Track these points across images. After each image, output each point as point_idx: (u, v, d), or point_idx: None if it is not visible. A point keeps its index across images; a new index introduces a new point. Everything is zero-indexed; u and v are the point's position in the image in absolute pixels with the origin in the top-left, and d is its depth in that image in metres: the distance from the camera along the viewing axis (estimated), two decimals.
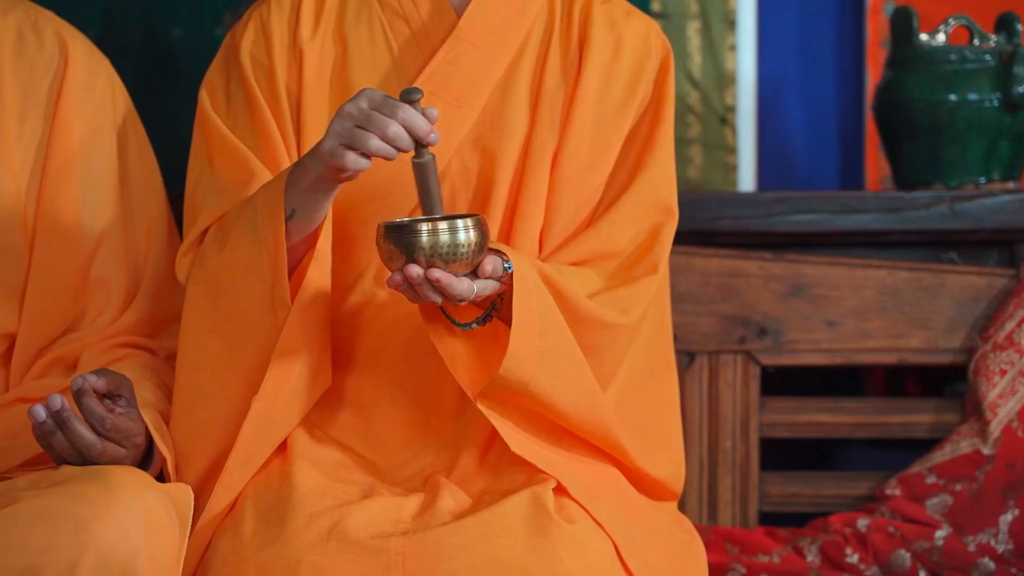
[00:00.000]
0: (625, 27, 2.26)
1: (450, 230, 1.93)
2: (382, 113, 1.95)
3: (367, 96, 1.97)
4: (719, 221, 2.66)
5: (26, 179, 2.27)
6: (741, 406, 2.67)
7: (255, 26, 2.27)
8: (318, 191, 2.04)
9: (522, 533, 1.98)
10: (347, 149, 1.96)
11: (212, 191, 2.19)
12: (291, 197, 2.05)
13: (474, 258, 1.95)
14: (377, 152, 1.95)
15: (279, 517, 2.02)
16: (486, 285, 1.98)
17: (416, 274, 1.93)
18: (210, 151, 2.22)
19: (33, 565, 1.87)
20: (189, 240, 2.18)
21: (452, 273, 1.94)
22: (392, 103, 1.96)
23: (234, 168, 2.19)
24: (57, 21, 2.35)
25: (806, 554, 2.55)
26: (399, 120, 1.94)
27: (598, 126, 2.21)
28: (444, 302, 1.97)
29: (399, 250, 1.94)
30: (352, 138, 1.95)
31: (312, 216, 2.06)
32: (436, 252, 1.93)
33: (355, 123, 1.95)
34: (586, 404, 2.08)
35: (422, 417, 2.18)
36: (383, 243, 1.95)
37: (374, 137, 1.94)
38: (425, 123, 1.95)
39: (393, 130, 1.94)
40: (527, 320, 2.00)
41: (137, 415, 2.07)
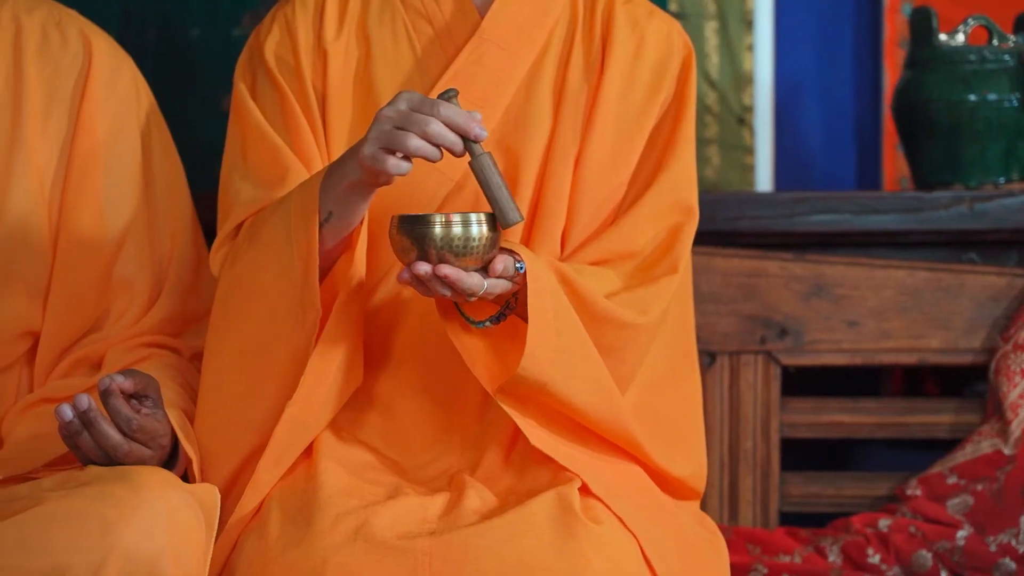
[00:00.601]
0: (647, 26, 2.26)
1: (463, 223, 1.94)
2: (421, 112, 1.94)
3: (405, 98, 1.96)
4: (739, 221, 2.67)
5: (50, 178, 2.27)
6: (762, 406, 2.67)
7: (280, 26, 2.27)
8: (355, 195, 2.04)
9: (549, 534, 1.98)
10: (388, 153, 1.95)
11: (246, 185, 2.19)
12: (328, 200, 2.05)
13: (485, 253, 1.95)
14: (418, 151, 1.93)
15: (305, 518, 2.02)
16: (496, 284, 1.98)
17: (424, 271, 1.93)
18: (245, 144, 2.22)
19: (59, 566, 1.87)
20: (223, 234, 2.18)
21: (463, 267, 1.94)
22: (431, 101, 1.95)
23: (269, 162, 2.19)
24: (81, 20, 2.35)
25: (828, 554, 2.55)
26: (440, 117, 1.93)
27: (620, 125, 2.21)
28: (454, 297, 1.97)
29: (411, 242, 1.94)
30: (391, 140, 1.94)
31: (349, 219, 2.06)
32: (447, 245, 1.93)
33: (394, 125, 1.94)
34: (603, 404, 2.08)
35: (446, 416, 2.18)
36: (396, 235, 1.96)
37: (414, 136, 1.93)
38: (466, 118, 1.94)
39: (433, 127, 1.93)
40: (542, 320, 2.00)
41: (163, 416, 2.07)
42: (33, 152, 2.26)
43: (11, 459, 2.16)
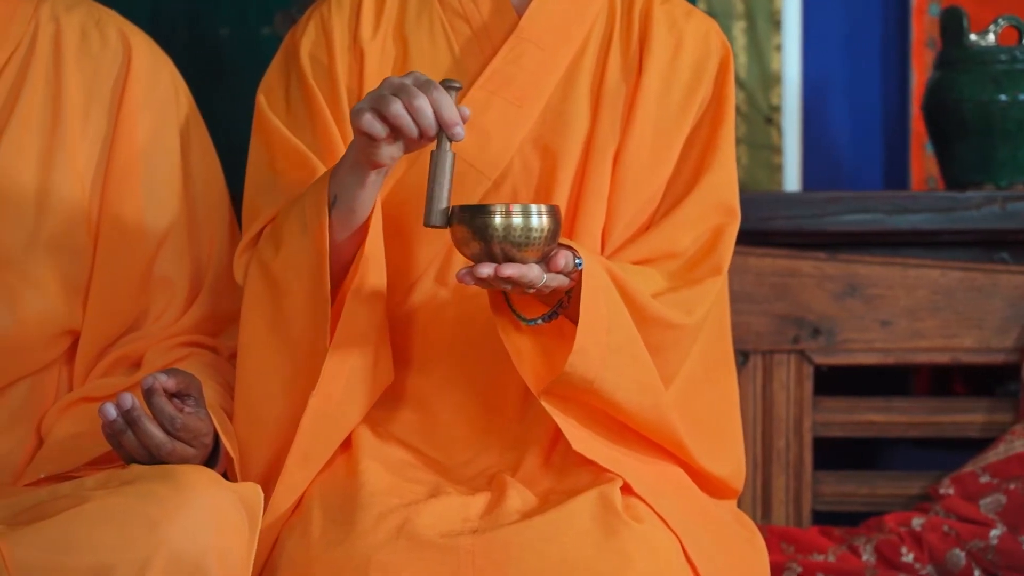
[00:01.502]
0: (685, 27, 2.26)
1: (523, 213, 1.93)
2: (415, 87, 1.94)
3: (413, 75, 1.96)
4: (772, 221, 2.67)
5: (90, 177, 2.27)
6: (795, 405, 2.68)
7: (315, 26, 2.27)
8: (354, 174, 2.03)
9: (591, 532, 1.98)
10: (369, 110, 1.94)
11: (273, 191, 2.19)
12: (334, 183, 2.05)
13: (545, 245, 1.95)
14: (395, 118, 1.92)
15: (347, 516, 2.02)
16: (555, 278, 1.98)
17: (487, 274, 1.93)
18: (271, 153, 2.22)
19: (104, 564, 1.87)
20: (247, 239, 2.19)
21: (522, 259, 1.94)
22: (431, 84, 1.95)
23: (295, 168, 2.19)
24: (119, 19, 2.36)
25: (862, 553, 2.56)
26: (430, 98, 1.93)
27: (659, 126, 2.22)
28: (513, 290, 1.97)
29: (471, 232, 1.94)
30: (379, 101, 1.94)
31: (352, 204, 2.05)
32: (508, 235, 1.93)
33: (390, 91, 1.95)
34: (649, 402, 2.08)
35: (485, 416, 2.18)
36: (455, 227, 1.95)
37: (398, 103, 1.93)
38: (454, 111, 1.94)
39: (418, 102, 1.93)
40: (595, 317, 2.00)
41: (206, 415, 2.06)
42: (73, 152, 2.26)
43: (52, 457, 2.16)
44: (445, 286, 2.20)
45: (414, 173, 2.17)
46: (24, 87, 2.26)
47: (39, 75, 2.27)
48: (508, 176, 2.20)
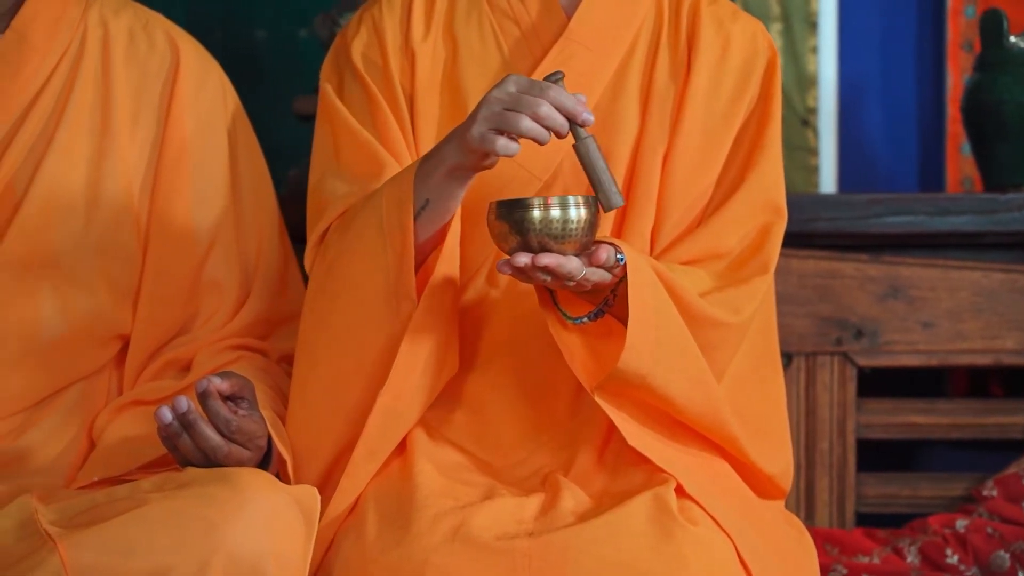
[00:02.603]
0: (733, 28, 2.26)
1: (561, 206, 1.93)
2: (531, 95, 1.94)
3: (513, 80, 1.96)
4: (815, 223, 2.67)
5: (139, 180, 2.28)
6: (838, 407, 2.68)
7: (367, 27, 2.28)
8: (455, 179, 2.03)
9: (647, 534, 1.98)
10: (497, 134, 1.94)
11: (340, 183, 2.19)
12: (424, 188, 2.05)
13: (583, 236, 1.94)
14: (528, 132, 1.93)
15: (403, 518, 2.02)
16: (595, 272, 1.97)
17: (524, 263, 1.93)
18: (337, 143, 2.22)
19: (162, 567, 1.87)
20: (318, 233, 2.18)
21: (561, 252, 1.93)
22: (541, 84, 1.95)
23: (363, 160, 2.19)
24: (166, 23, 2.36)
25: (906, 555, 2.55)
26: (549, 99, 1.93)
27: (707, 126, 2.22)
28: (554, 282, 1.97)
29: (510, 227, 1.94)
30: (502, 121, 1.94)
31: (446, 206, 2.06)
32: (546, 228, 1.92)
33: (504, 107, 1.94)
34: (701, 396, 2.08)
35: (536, 417, 2.18)
36: (494, 222, 1.95)
37: (525, 118, 1.93)
38: (574, 101, 1.94)
39: (544, 109, 1.93)
40: (643, 313, 2.00)
41: (260, 417, 2.06)
42: (122, 155, 2.26)
43: (105, 460, 2.16)
44: (496, 287, 2.20)
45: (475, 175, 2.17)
46: (74, 91, 2.26)
47: (88, 79, 2.27)
48: (559, 177, 2.20)
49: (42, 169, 2.22)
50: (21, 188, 2.21)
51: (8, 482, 2.15)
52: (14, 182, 2.21)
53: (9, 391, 2.20)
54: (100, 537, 1.88)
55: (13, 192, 2.21)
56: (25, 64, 2.24)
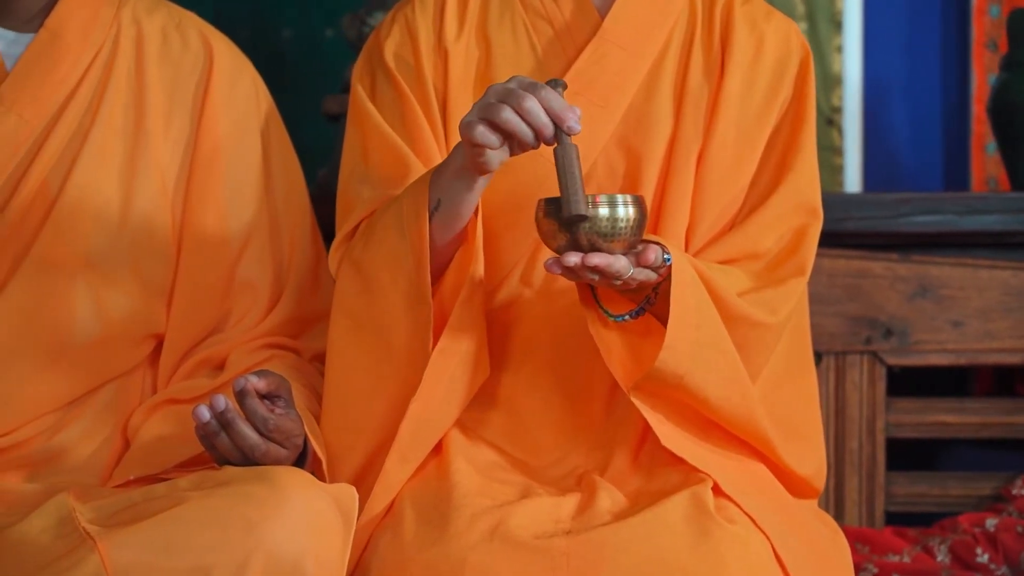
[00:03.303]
0: (766, 28, 2.26)
1: (609, 204, 1.92)
2: (522, 90, 1.93)
3: (516, 79, 1.96)
4: (845, 222, 2.67)
5: (173, 180, 2.28)
6: (867, 406, 2.68)
7: (400, 27, 2.28)
8: (461, 179, 2.03)
9: (684, 533, 1.98)
10: (479, 121, 1.94)
11: (367, 185, 2.20)
12: (436, 188, 2.05)
13: (631, 235, 1.94)
14: (506, 123, 1.91)
15: (441, 517, 2.02)
16: (642, 272, 1.97)
17: (574, 263, 1.92)
18: (366, 145, 2.22)
19: (202, 566, 1.87)
20: (342, 234, 2.19)
21: (609, 251, 1.93)
22: (536, 84, 1.94)
23: (390, 163, 2.19)
24: (199, 22, 2.36)
25: (936, 554, 2.55)
26: (539, 98, 1.92)
27: (742, 126, 2.22)
28: (600, 281, 1.96)
29: (558, 225, 1.93)
30: (488, 111, 1.93)
31: (457, 208, 2.05)
32: (595, 226, 1.92)
33: (497, 98, 1.94)
34: (737, 398, 2.09)
35: (571, 417, 2.18)
36: (542, 220, 1.95)
37: (508, 108, 1.92)
38: (562, 103, 1.92)
39: (528, 104, 1.91)
40: (684, 313, 2.00)
41: (296, 415, 2.06)
42: (156, 154, 2.26)
43: (140, 459, 2.16)
44: (530, 287, 2.21)
45: (498, 177, 2.17)
46: (107, 90, 2.26)
47: (122, 78, 2.27)
48: (593, 177, 2.20)
49: (76, 169, 2.22)
50: (55, 188, 2.21)
51: (43, 480, 2.16)
52: (48, 182, 2.21)
53: (44, 390, 2.20)
54: (140, 536, 1.88)
55: (47, 192, 2.21)
56: (59, 63, 2.24)
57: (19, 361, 2.18)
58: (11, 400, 2.18)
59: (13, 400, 2.18)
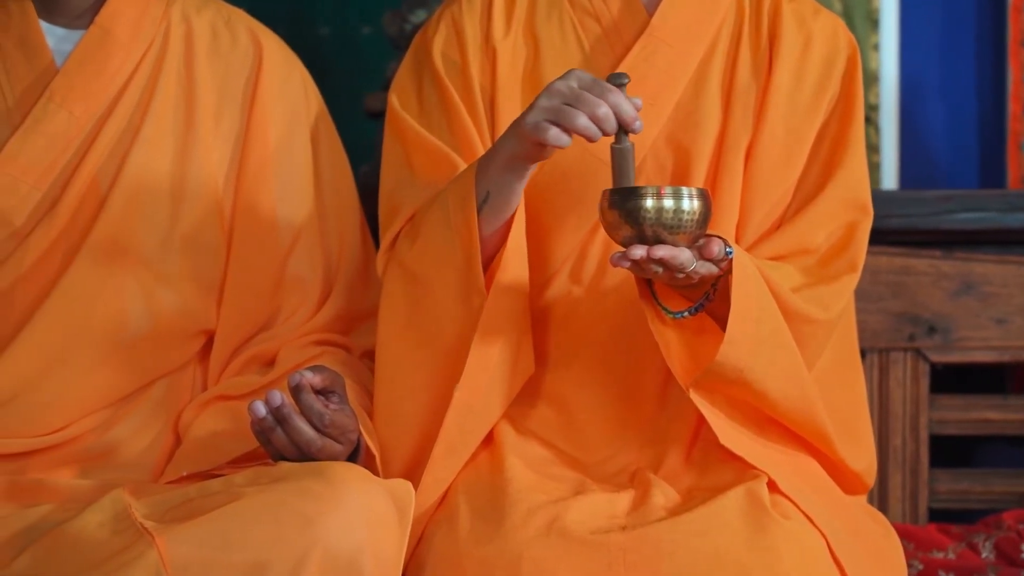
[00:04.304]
0: (814, 24, 2.27)
1: (675, 196, 1.93)
2: (592, 94, 1.95)
3: (576, 76, 1.97)
4: (888, 219, 2.67)
5: (223, 176, 2.28)
6: (911, 403, 2.68)
7: (447, 26, 2.28)
8: (512, 170, 2.05)
9: (740, 529, 1.99)
10: (552, 124, 1.96)
11: (411, 187, 2.20)
12: (484, 180, 2.06)
13: (696, 229, 1.94)
14: (582, 130, 1.94)
15: (496, 512, 2.03)
16: (704, 265, 1.98)
17: (640, 256, 1.93)
18: (407, 151, 2.23)
19: (260, 561, 1.87)
20: (389, 238, 2.19)
21: (673, 243, 1.94)
22: (603, 85, 1.96)
23: (435, 165, 2.20)
24: (248, 19, 2.37)
25: (981, 551, 2.55)
26: (609, 102, 1.95)
27: (790, 123, 2.22)
28: (663, 274, 1.96)
29: (622, 216, 1.94)
30: (559, 114, 1.95)
31: (507, 198, 2.06)
32: (660, 219, 1.92)
33: (564, 100, 1.96)
34: (796, 392, 2.09)
35: (623, 414, 2.18)
36: (607, 211, 1.95)
37: (582, 115, 1.94)
38: (632, 109, 1.96)
39: (603, 111, 1.94)
40: (745, 307, 2.01)
41: (351, 411, 2.06)
42: (206, 150, 2.27)
43: (192, 455, 2.16)
44: (579, 283, 2.21)
45: (547, 172, 2.17)
46: (158, 86, 2.26)
47: (172, 75, 2.28)
48: (642, 174, 2.21)
49: (127, 164, 2.22)
50: (107, 183, 2.22)
51: (95, 476, 2.16)
52: (99, 177, 2.22)
53: (96, 386, 2.20)
54: (197, 531, 1.89)
55: (99, 187, 2.22)
56: (110, 59, 2.24)
57: (73, 357, 2.19)
58: (65, 396, 2.18)
59: (67, 396, 2.18)
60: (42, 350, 2.18)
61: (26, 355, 2.17)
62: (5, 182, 2.19)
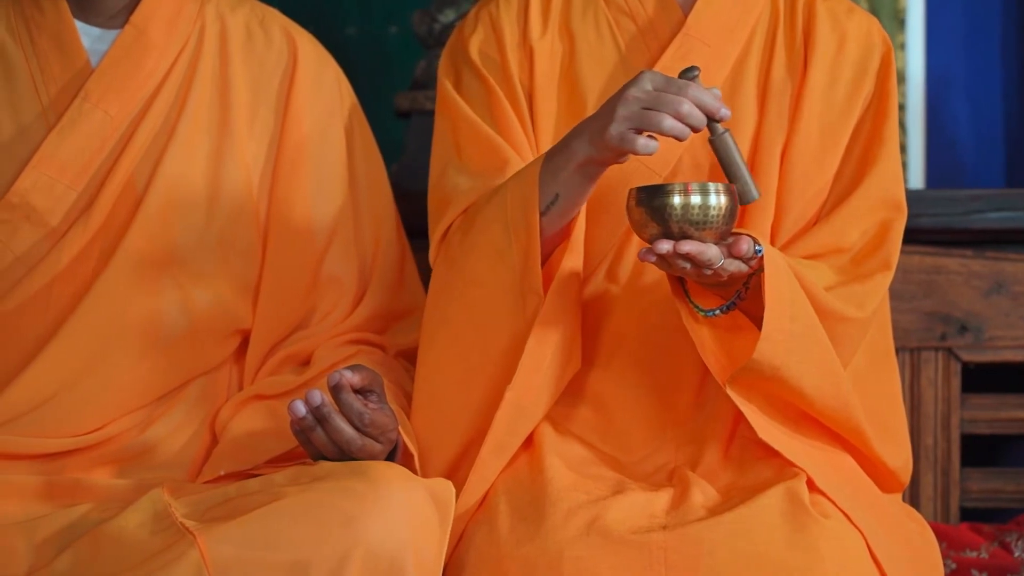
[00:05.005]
0: (848, 23, 2.27)
1: (701, 192, 1.93)
2: (670, 93, 1.94)
3: (648, 78, 1.97)
4: (919, 219, 2.66)
5: (258, 175, 2.28)
6: (942, 402, 2.68)
7: (484, 24, 2.28)
8: (586, 175, 2.04)
9: (781, 528, 1.99)
10: (638, 133, 1.95)
11: (463, 177, 2.20)
12: (553, 184, 2.05)
13: (723, 224, 1.94)
14: (671, 131, 1.94)
15: (536, 512, 2.02)
16: (733, 263, 1.97)
17: (666, 250, 1.93)
18: (457, 138, 2.23)
19: (302, 560, 1.87)
20: (442, 228, 2.19)
21: (700, 239, 1.93)
22: (679, 82, 1.96)
23: (485, 155, 2.20)
24: (282, 18, 2.37)
25: (1014, 550, 2.55)
26: (690, 98, 1.94)
27: (825, 121, 2.22)
28: (692, 270, 1.96)
29: (649, 214, 1.93)
30: (643, 120, 1.94)
31: (575, 201, 2.06)
32: (687, 215, 1.92)
33: (643, 105, 1.95)
34: (832, 389, 2.08)
35: (660, 412, 2.18)
36: (634, 208, 1.95)
37: (667, 117, 1.94)
38: (713, 98, 1.95)
39: (686, 108, 1.94)
40: (779, 304, 2.00)
41: (390, 410, 2.06)
42: (241, 150, 2.27)
43: (230, 454, 2.16)
44: (616, 282, 2.21)
45: None
46: (192, 86, 2.26)
47: (206, 74, 2.27)
48: (678, 173, 2.21)
49: (163, 164, 2.22)
50: (142, 183, 2.21)
51: (133, 476, 2.16)
52: (135, 177, 2.22)
53: (132, 386, 2.20)
54: (239, 530, 1.89)
55: (134, 188, 2.21)
56: (145, 59, 2.24)
57: (109, 357, 2.19)
58: (102, 396, 2.18)
59: (104, 396, 2.18)
60: (79, 350, 2.18)
61: (63, 355, 2.17)
62: (41, 182, 2.18)
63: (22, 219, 2.18)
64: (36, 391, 2.17)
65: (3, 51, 2.24)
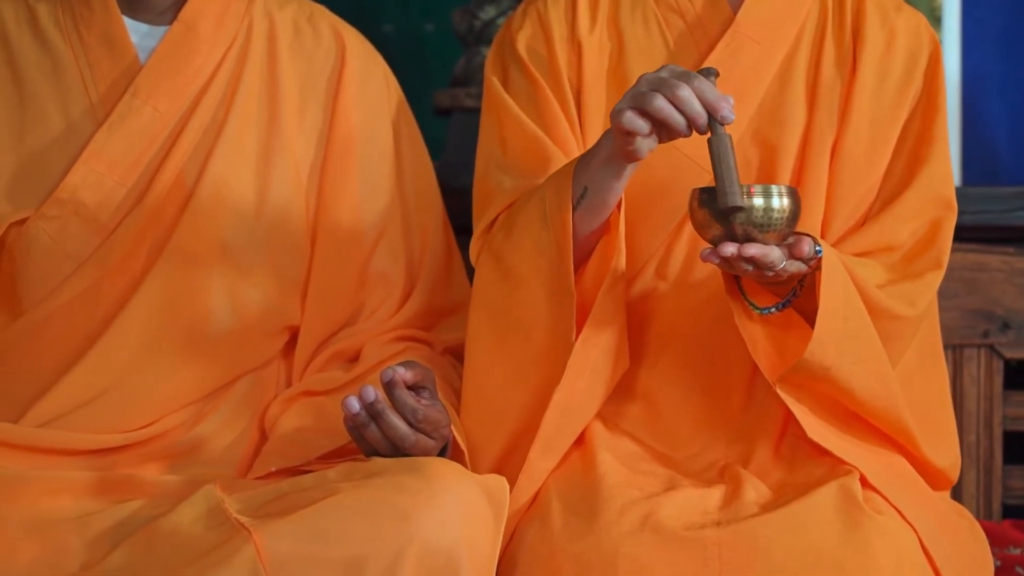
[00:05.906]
0: (897, 20, 2.27)
1: (764, 194, 1.93)
2: (675, 79, 1.93)
3: (668, 68, 1.96)
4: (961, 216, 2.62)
5: (307, 172, 2.28)
6: (985, 400, 2.68)
7: (532, 20, 2.28)
8: (608, 168, 2.03)
9: (835, 524, 1.99)
10: (630, 109, 1.94)
11: (506, 174, 2.20)
12: (583, 177, 2.05)
13: (785, 227, 1.94)
14: (659, 111, 1.91)
15: (589, 508, 2.02)
16: (793, 263, 1.97)
17: (731, 253, 1.93)
18: (503, 134, 2.23)
19: (356, 557, 1.87)
20: (483, 225, 2.19)
21: (764, 241, 1.93)
22: (689, 73, 1.94)
23: (529, 152, 2.20)
24: (330, 15, 2.36)
25: None
26: (692, 87, 1.92)
27: (875, 118, 2.22)
28: (752, 272, 1.96)
29: (713, 215, 1.93)
30: (641, 99, 1.93)
31: (603, 197, 2.06)
32: (751, 218, 1.92)
33: (648, 87, 1.94)
34: (882, 390, 2.09)
35: (710, 410, 2.18)
36: (697, 209, 1.95)
37: (660, 97, 1.92)
38: (717, 93, 1.93)
39: (683, 93, 1.91)
40: (834, 305, 2.01)
41: (442, 406, 2.06)
42: (290, 146, 2.26)
43: (280, 451, 2.16)
44: (665, 280, 2.21)
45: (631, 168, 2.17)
46: (241, 83, 2.26)
47: (255, 71, 2.27)
48: None
49: (211, 161, 2.22)
50: (191, 180, 2.21)
51: (183, 472, 2.16)
52: (184, 174, 2.21)
53: (182, 382, 2.20)
54: (294, 526, 1.88)
55: (183, 184, 2.21)
56: (193, 56, 2.24)
57: (159, 353, 2.19)
58: (152, 392, 2.18)
59: (154, 392, 2.18)
60: (129, 347, 2.18)
61: (113, 352, 2.17)
62: (91, 178, 2.18)
63: (71, 215, 2.18)
64: (87, 387, 2.17)
65: (52, 48, 2.23)
